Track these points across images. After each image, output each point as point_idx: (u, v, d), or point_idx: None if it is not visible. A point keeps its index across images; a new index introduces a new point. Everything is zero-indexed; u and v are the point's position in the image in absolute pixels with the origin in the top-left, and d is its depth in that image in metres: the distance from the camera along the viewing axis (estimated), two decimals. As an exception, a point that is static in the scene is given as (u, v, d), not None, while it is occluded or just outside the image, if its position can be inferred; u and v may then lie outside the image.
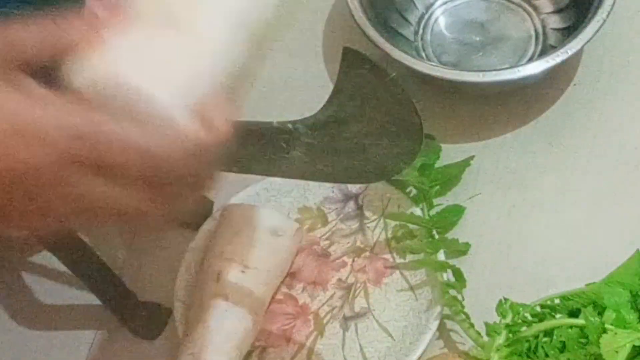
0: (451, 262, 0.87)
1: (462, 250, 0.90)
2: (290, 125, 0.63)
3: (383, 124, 0.63)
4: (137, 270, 0.95)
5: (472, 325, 0.82)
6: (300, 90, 1.02)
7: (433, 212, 0.91)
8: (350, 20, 0.97)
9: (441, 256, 0.88)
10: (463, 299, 0.84)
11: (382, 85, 0.62)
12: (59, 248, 0.86)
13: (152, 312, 0.91)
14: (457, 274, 0.86)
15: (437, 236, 0.89)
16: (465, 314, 0.83)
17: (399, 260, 0.90)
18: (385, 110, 0.63)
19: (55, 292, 0.95)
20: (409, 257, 0.89)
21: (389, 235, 0.91)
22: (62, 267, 0.87)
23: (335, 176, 0.65)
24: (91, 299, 0.89)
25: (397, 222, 0.91)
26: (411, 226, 0.90)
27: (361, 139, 0.63)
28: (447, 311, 0.86)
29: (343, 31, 1.04)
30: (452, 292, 0.84)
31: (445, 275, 0.86)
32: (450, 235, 0.91)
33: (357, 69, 0.61)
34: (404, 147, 0.64)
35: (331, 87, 0.66)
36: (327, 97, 0.66)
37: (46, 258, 0.91)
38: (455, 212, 0.92)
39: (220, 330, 0.83)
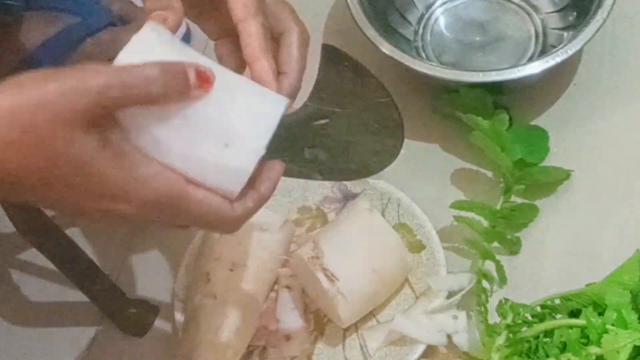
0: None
1: (513, 249, 0.90)
2: None
3: (364, 121, 0.63)
4: (137, 270, 0.95)
5: (486, 321, 0.82)
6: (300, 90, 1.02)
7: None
8: (350, 20, 0.97)
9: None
10: (491, 294, 0.84)
11: (362, 82, 0.62)
12: (46, 245, 0.86)
13: (140, 309, 0.91)
14: (500, 269, 0.86)
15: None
16: (486, 308, 0.83)
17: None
18: (366, 108, 0.63)
19: (43, 290, 0.95)
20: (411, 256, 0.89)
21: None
22: (50, 265, 0.87)
23: (318, 173, 0.66)
24: (80, 296, 0.89)
25: (397, 221, 0.91)
26: (410, 224, 0.90)
27: (343, 136, 0.63)
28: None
29: (343, 31, 1.04)
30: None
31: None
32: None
33: (336, 66, 0.62)
34: (385, 145, 0.65)
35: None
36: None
37: (34, 256, 0.91)
38: (529, 212, 0.92)
39: (209, 329, 0.83)
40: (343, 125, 0.63)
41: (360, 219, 0.87)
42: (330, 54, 0.62)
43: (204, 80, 0.56)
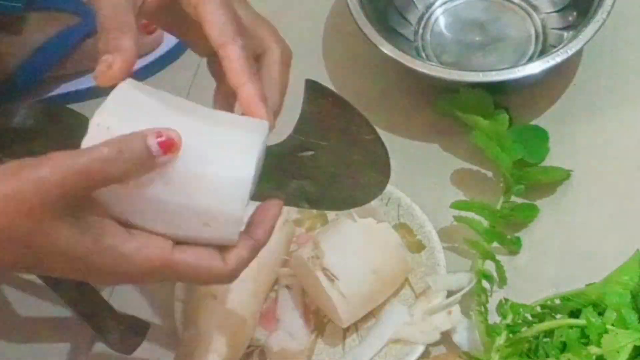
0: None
1: (513, 249, 0.90)
2: None
3: (349, 155, 0.63)
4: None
5: (486, 321, 0.82)
6: (299, 89, 1.02)
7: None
8: (350, 20, 0.97)
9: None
10: (491, 294, 0.84)
11: (347, 118, 0.62)
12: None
13: (129, 326, 0.90)
14: (500, 269, 0.86)
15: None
16: (486, 308, 0.83)
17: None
18: (351, 142, 0.63)
19: (35, 305, 0.94)
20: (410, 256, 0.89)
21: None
22: (39, 280, 0.87)
23: (305, 202, 0.66)
24: (69, 311, 0.89)
25: (397, 221, 0.91)
26: (410, 224, 0.90)
27: (328, 168, 0.63)
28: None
29: (343, 31, 1.04)
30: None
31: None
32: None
33: (320, 102, 0.61)
34: (372, 178, 0.65)
35: (331, 86, 0.66)
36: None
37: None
38: (529, 212, 0.92)
39: (209, 329, 0.83)
40: (329, 158, 0.63)
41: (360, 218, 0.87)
42: (314, 89, 0.61)
43: (169, 146, 0.54)
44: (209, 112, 0.59)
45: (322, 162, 0.63)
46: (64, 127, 0.85)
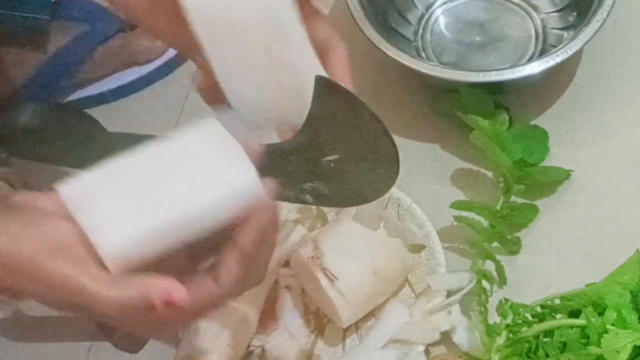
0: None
1: (513, 249, 0.90)
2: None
3: (358, 151, 0.63)
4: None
5: (486, 321, 0.82)
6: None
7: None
8: (350, 20, 0.97)
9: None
10: (491, 294, 0.84)
11: (356, 114, 0.62)
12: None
13: None
14: (500, 269, 0.86)
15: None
16: (486, 308, 0.83)
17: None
18: (360, 138, 0.63)
19: (34, 303, 0.94)
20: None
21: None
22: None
23: (313, 199, 0.66)
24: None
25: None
26: (411, 224, 0.90)
27: (337, 165, 0.63)
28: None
29: (343, 31, 1.04)
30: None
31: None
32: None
33: (330, 98, 0.62)
34: (380, 174, 0.65)
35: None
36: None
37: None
38: (529, 212, 0.92)
39: (209, 329, 0.83)
40: (337, 155, 0.63)
41: (360, 219, 0.87)
42: (324, 85, 0.62)
43: (170, 305, 0.55)
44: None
45: (331, 159, 0.63)
46: (68, 126, 0.85)
